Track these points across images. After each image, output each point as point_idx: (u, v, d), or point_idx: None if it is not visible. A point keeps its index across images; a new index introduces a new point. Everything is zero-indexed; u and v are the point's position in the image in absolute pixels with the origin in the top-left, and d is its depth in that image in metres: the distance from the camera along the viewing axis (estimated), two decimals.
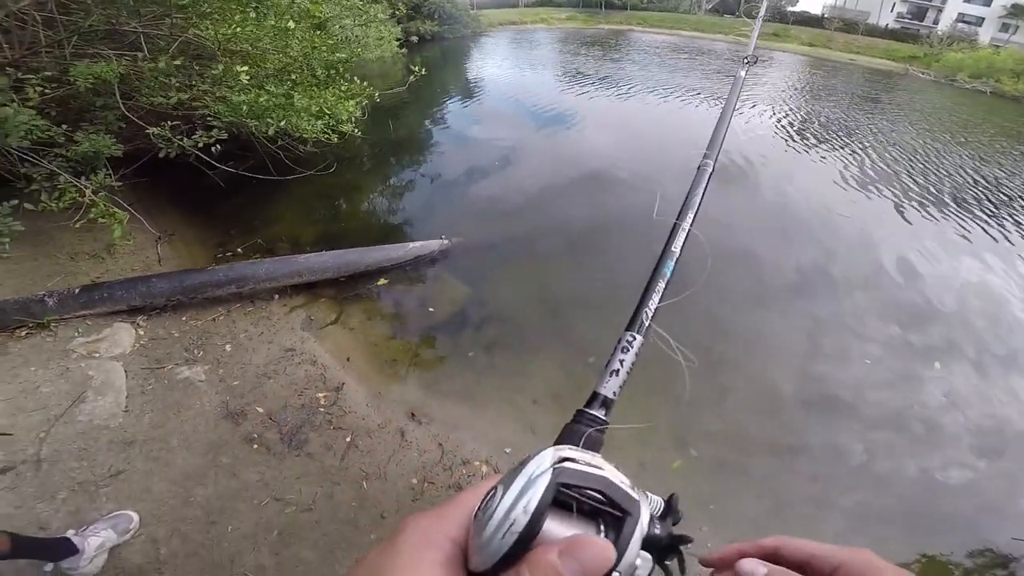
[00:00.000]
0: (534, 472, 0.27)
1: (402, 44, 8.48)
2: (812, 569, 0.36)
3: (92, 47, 2.95)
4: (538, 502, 0.26)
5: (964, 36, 25.75)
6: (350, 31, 4.39)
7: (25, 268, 2.91)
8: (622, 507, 0.28)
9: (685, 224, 0.49)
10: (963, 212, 5.65)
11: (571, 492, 0.27)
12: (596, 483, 0.28)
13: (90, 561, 1.63)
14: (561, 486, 0.27)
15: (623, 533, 0.27)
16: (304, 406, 2.34)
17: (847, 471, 2.49)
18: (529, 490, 0.27)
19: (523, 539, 0.26)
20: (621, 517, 0.28)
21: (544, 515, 0.26)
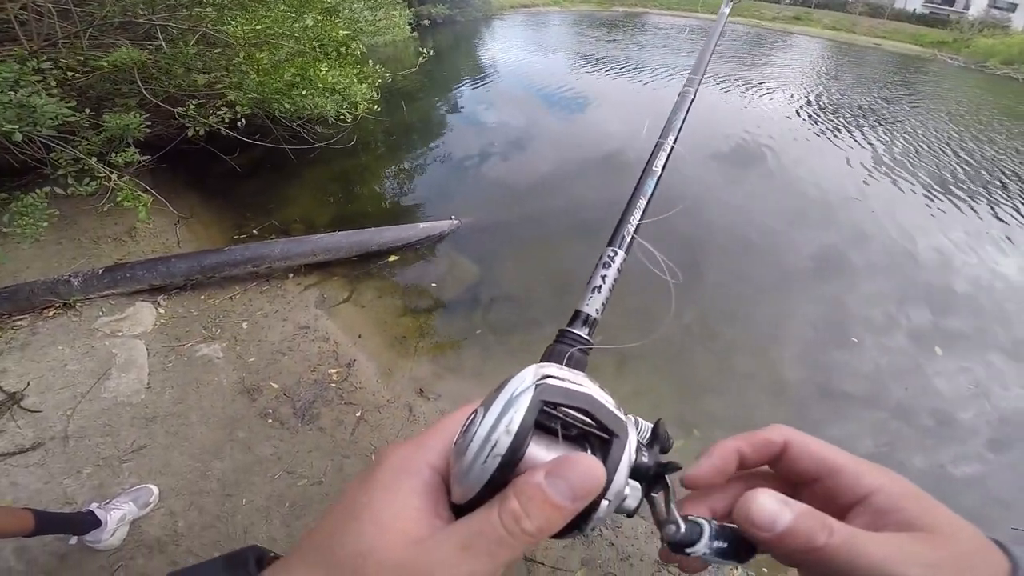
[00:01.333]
0: (515, 390, 0.26)
1: (414, 28, 8.43)
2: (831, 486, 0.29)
3: (108, 37, 3.01)
4: (521, 421, 0.25)
5: (996, 22, 24.70)
6: (360, 15, 4.40)
7: (50, 251, 3.03)
8: (608, 428, 0.26)
9: (667, 144, 0.48)
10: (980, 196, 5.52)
11: (555, 412, 0.26)
12: (581, 401, 0.26)
13: (112, 534, 1.70)
14: (545, 404, 0.25)
15: (611, 457, 0.25)
16: (317, 382, 2.42)
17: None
18: (511, 409, 0.25)
19: (506, 463, 0.24)
20: (608, 440, 0.26)
21: (528, 436, 0.25)
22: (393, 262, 3.43)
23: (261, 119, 3.90)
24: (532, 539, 0.23)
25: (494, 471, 0.24)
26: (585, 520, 0.25)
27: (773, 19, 24.38)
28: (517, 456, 0.24)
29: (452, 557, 0.23)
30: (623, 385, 2.67)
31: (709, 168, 5.49)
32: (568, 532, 0.25)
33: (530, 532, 0.23)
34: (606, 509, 0.26)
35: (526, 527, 0.23)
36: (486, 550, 0.23)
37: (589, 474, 0.24)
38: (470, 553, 0.23)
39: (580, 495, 0.23)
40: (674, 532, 0.29)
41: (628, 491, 0.27)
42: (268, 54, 3.26)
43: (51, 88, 2.42)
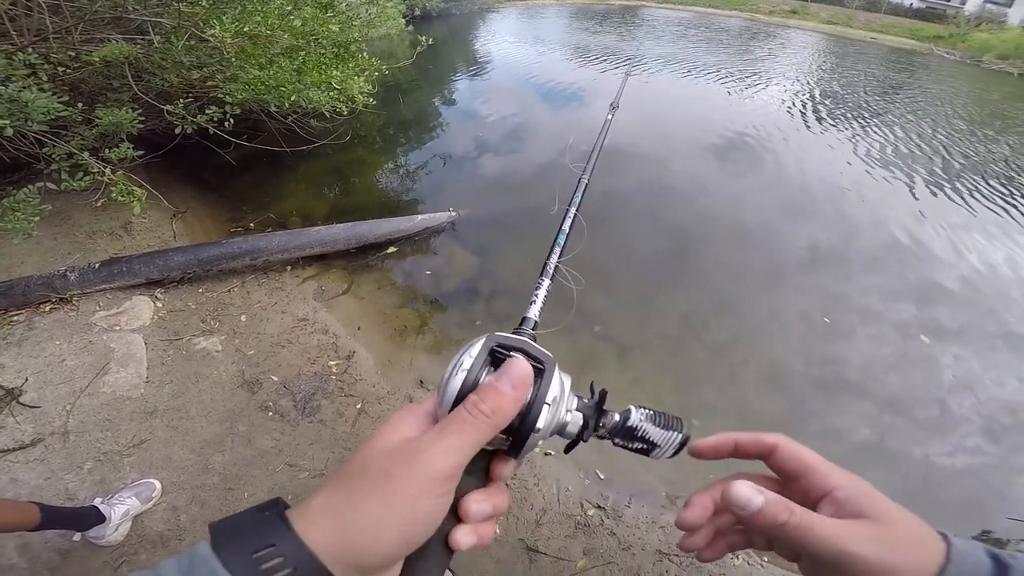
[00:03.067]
0: (474, 341, 0.37)
1: (408, 21, 8.38)
2: (807, 483, 0.37)
3: (100, 32, 2.97)
4: (479, 349, 0.36)
5: (992, 17, 24.74)
6: (355, 9, 4.36)
7: (45, 247, 3.00)
8: (539, 359, 0.37)
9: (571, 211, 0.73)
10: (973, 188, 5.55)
11: (501, 351, 0.37)
12: (518, 343, 0.37)
13: (115, 529, 1.69)
14: (496, 346, 0.37)
15: (544, 375, 0.36)
16: (317, 374, 2.41)
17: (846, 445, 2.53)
18: (472, 346, 0.37)
19: (470, 377, 0.34)
20: (542, 368, 0.36)
21: (484, 363, 0.36)
22: (392, 254, 3.42)
23: (256, 114, 3.87)
24: (488, 419, 0.32)
25: (461, 382, 0.34)
26: (534, 420, 0.35)
27: (770, 12, 24.34)
28: (477, 373, 0.35)
29: (432, 439, 0.32)
30: (623, 376, 2.68)
31: (697, 161, 5.50)
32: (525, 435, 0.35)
33: (484, 411, 0.32)
34: (549, 413, 0.35)
35: (482, 408, 0.32)
36: (455, 429, 0.32)
37: (520, 368, 0.34)
38: (444, 432, 0.32)
39: (516, 383, 0.33)
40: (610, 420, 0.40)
41: (569, 417, 0.38)
42: (263, 49, 3.22)
43: (42, 83, 2.39)
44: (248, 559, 0.27)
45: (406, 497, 0.30)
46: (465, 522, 0.34)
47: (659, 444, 0.40)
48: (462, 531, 0.34)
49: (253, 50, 3.12)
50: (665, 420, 0.40)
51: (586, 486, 2.11)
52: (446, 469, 0.31)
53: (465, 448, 0.32)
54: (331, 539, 0.29)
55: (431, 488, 0.30)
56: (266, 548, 0.28)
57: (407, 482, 0.30)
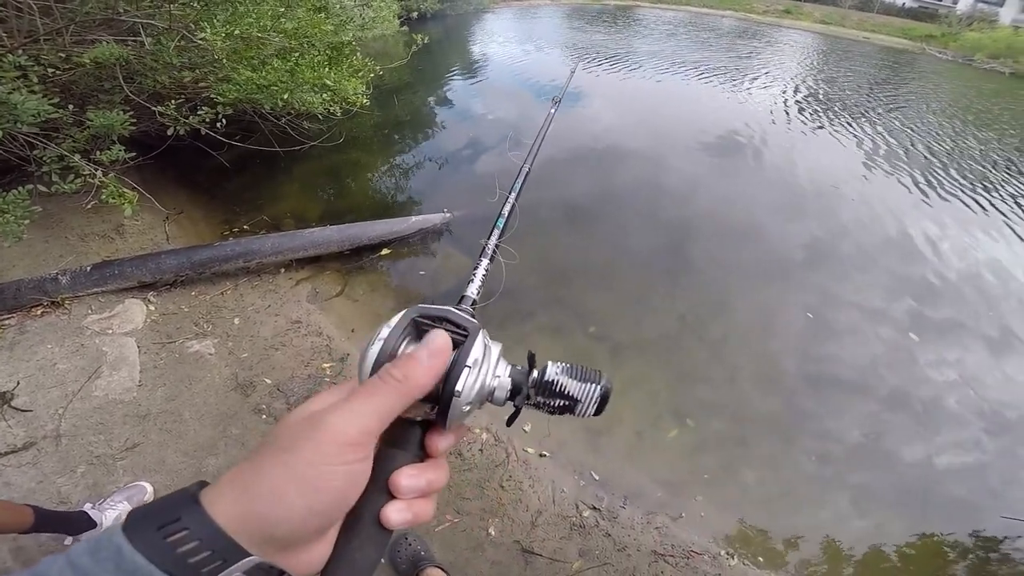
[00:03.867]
0: (399, 313, 0.37)
1: (403, 22, 8.37)
2: None
3: (91, 34, 2.95)
4: (398, 319, 0.36)
5: (984, 16, 24.93)
6: (351, 11, 4.35)
7: (37, 249, 2.98)
8: (463, 326, 0.36)
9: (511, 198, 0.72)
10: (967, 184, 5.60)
11: (425, 322, 0.37)
12: (442, 313, 0.37)
13: None
14: (418, 316, 0.37)
15: (465, 341, 0.36)
16: (310, 376, 2.40)
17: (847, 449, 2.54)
18: (392, 320, 0.36)
19: (387, 346, 0.34)
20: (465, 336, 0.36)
21: (405, 332, 0.36)
22: (385, 255, 3.42)
23: (249, 115, 3.85)
24: (399, 384, 0.32)
25: (378, 352, 0.34)
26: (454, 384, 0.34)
27: (764, 12, 24.43)
28: (395, 342, 0.35)
29: (340, 406, 0.31)
30: (618, 374, 2.68)
31: (693, 159, 5.52)
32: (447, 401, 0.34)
33: (395, 376, 0.32)
34: (469, 376, 0.34)
35: (394, 372, 0.32)
36: (364, 394, 0.32)
37: (437, 338, 0.34)
38: (353, 399, 0.32)
39: (433, 352, 0.33)
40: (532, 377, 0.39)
41: (496, 382, 0.37)
42: (256, 51, 3.21)
43: (33, 85, 2.37)
44: (153, 534, 0.27)
45: (310, 463, 0.29)
46: (398, 498, 0.34)
47: (579, 399, 0.38)
48: (394, 507, 0.33)
49: (245, 51, 3.11)
50: (583, 372, 0.39)
51: (581, 487, 2.11)
52: (352, 434, 0.30)
53: (374, 413, 0.31)
54: (234, 508, 0.28)
55: (336, 453, 0.30)
56: (172, 523, 0.28)
57: (311, 448, 0.29)
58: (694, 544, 1.98)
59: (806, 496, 2.30)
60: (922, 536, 2.20)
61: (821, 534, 2.15)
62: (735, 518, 2.14)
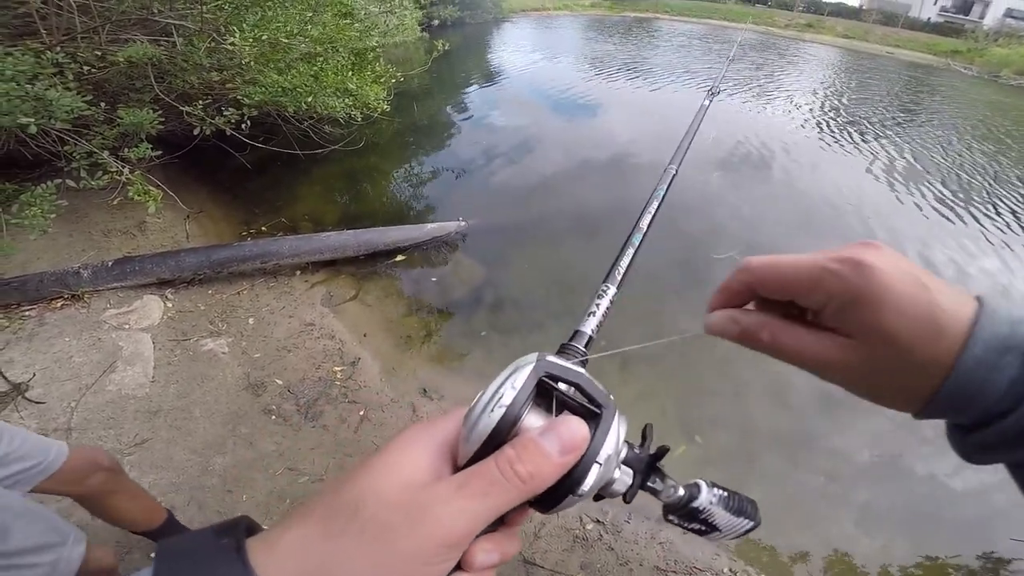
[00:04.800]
0: (521, 363, 0.30)
1: (424, 29, 8.50)
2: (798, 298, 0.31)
3: (126, 33, 3.05)
4: (525, 380, 0.28)
5: (1012, 32, 24.46)
6: (376, 18, 4.43)
7: (61, 243, 3.06)
8: (597, 401, 0.30)
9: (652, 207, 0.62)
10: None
11: (552, 386, 0.30)
12: (574, 376, 0.30)
13: None
14: (545, 375, 0.29)
15: (600, 426, 0.29)
16: (321, 379, 2.42)
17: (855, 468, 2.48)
18: (516, 373, 0.29)
19: (508, 415, 0.27)
20: (597, 414, 0.29)
21: (529, 397, 0.28)
22: (400, 262, 3.44)
23: (272, 118, 3.93)
24: (523, 485, 0.26)
25: (498, 421, 0.27)
26: (578, 482, 0.28)
27: (786, 26, 24.29)
28: (518, 411, 0.28)
29: (448, 495, 0.26)
30: (627, 390, 2.65)
31: (714, 174, 5.48)
32: (563, 495, 0.28)
33: (522, 475, 0.26)
34: (597, 474, 0.28)
35: (519, 469, 0.26)
36: (480, 489, 0.26)
37: (576, 431, 0.28)
38: (465, 491, 0.26)
39: (567, 448, 0.27)
40: (672, 493, 0.33)
41: (618, 474, 0.31)
42: (282, 54, 3.28)
43: (68, 82, 2.45)
44: None
45: (403, 560, 0.24)
46: (466, 571, 0.28)
47: (722, 529, 0.33)
48: None
49: (272, 55, 3.18)
50: (739, 504, 0.33)
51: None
52: (458, 535, 0.25)
53: (487, 515, 0.26)
54: None
55: (436, 554, 0.25)
56: None
57: (408, 543, 0.24)
58: (697, 560, 1.93)
59: (813, 513, 2.25)
60: (930, 557, 2.13)
61: (827, 552, 2.09)
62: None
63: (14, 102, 2.10)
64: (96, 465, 1.26)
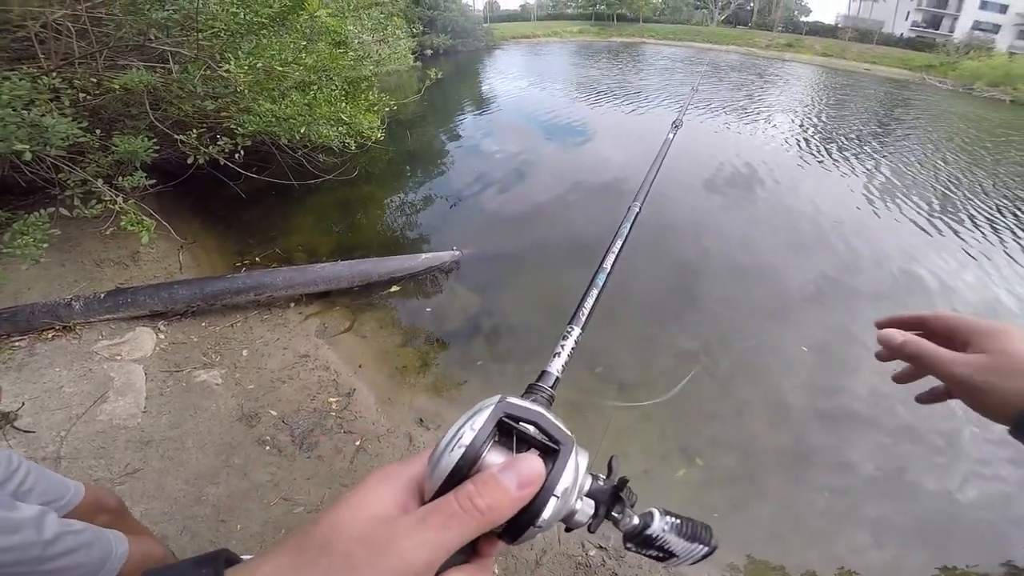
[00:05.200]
0: (481, 406, 0.32)
1: (417, 57, 8.71)
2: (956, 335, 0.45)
3: (123, 59, 3.08)
4: (484, 421, 0.30)
5: (981, 44, 25.38)
6: (369, 47, 4.53)
7: (53, 273, 3.04)
8: (555, 438, 0.32)
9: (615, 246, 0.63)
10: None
11: (513, 426, 0.31)
12: (532, 415, 0.32)
13: None
14: (504, 415, 0.31)
15: (557, 462, 0.31)
16: (316, 410, 2.39)
17: (860, 481, 2.47)
18: (476, 415, 0.31)
19: (468, 455, 0.29)
20: (556, 449, 0.31)
21: (488, 436, 0.30)
22: (395, 292, 3.44)
23: (267, 147, 3.96)
24: (482, 516, 0.28)
25: (458, 459, 0.29)
26: (537, 514, 0.30)
27: (767, 47, 25.11)
28: (478, 450, 0.30)
29: (410, 528, 0.27)
30: (626, 415, 2.63)
31: (698, 196, 5.57)
32: (525, 526, 0.30)
33: (480, 508, 0.28)
34: (556, 506, 0.30)
35: (477, 503, 0.28)
36: (440, 522, 0.27)
37: (532, 467, 0.29)
38: (425, 524, 0.27)
39: (524, 483, 0.29)
40: (628, 522, 0.35)
41: (579, 505, 0.33)
42: (276, 82, 3.34)
43: (64, 108, 2.45)
44: None
45: None
46: None
47: (679, 555, 0.35)
48: None
49: (266, 83, 3.22)
50: (692, 530, 0.35)
51: None
52: (420, 566, 0.27)
53: (447, 546, 0.28)
54: None
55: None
56: None
57: (372, 573, 0.26)
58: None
59: (819, 530, 2.22)
60: (944, 569, 2.11)
61: (836, 568, 2.06)
62: (745, 555, 2.06)
63: (9, 128, 2.08)
64: (100, 506, 1.25)
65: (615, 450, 2.53)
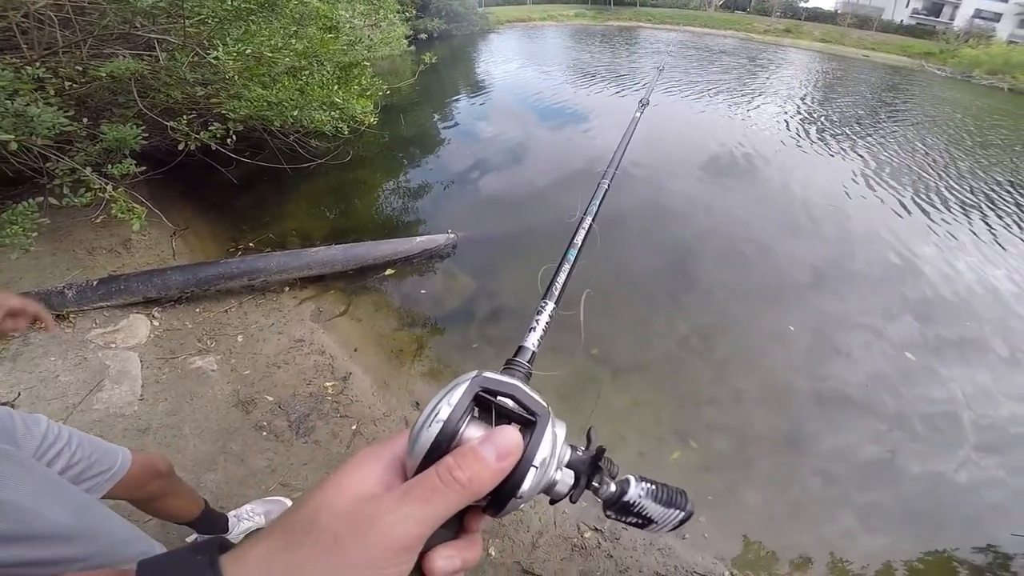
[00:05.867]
0: (458, 381, 0.32)
1: (410, 42, 8.59)
2: None
3: (109, 47, 3.02)
4: (460, 396, 0.31)
5: (981, 32, 25.24)
6: (360, 32, 4.45)
7: (44, 262, 3.01)
8: (531, 410, 0.32)
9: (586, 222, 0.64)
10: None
11: (491, 400, 0.32)
12: (509, 389, 0.33)
13: None
14: (481, 390, 0.32)
15: (534, 433, 0.31)
16: (312, 395, 2.40)
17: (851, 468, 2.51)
18: (453, 390, 0.32)
19: (447, 429, 0.30)
20: (533, 422, 0.32)
21: (465, 411, 0.31)
22: (390, 276, 3.43)
23: (259, 132, 3.91)
24: (463, 489, 0.28)
25: (437, 435, 0.30)
26: (517, 485, 0.30)
27: (764, 32, 24.84)
28: (455, 425, 0.30)
29: (393, 503, 0.28)
30: (621, 398, 2.66)
31: (693, 180, 5.56)
32: (506, 499, 0.31)
33: (461, 481, 0.28)
34: (535, 477, 0.31)
35: (457, 476, 0.28)
36: (422, 496, 0.28)
37: (510, 438, 0.30)
38: (408, 498, 0.28)
39: (503, 454, 0.29)
40: (605, 490, 0.35)
41: (559, 475, 0.33)
42: (267, 68, 3.28)
43: (49, 97, 2.42)
44: None
45: (355, 567, 0.26)
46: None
47: (656, 521, 0.36)
48: None
49: (256, 69, 3.17)
50: (668, 495, 0.36)
51: (583, 508, 2.08)
52: (405, 540, 0.27)
53: (430, 519, 0.28)
54: None
55: (386, 558, 0.27)
56: None
57: (358, 551, 0.27)
58: (697, 565, 1.94)
59: (812, 515, 2.26)
60: (932, 553, 2.15)
61: (828, 552, 2.11)
62: (740, 538, 2.10)
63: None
64: (155, 472, 1.26)
65: (610, 433, 2.56)
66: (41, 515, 0.83)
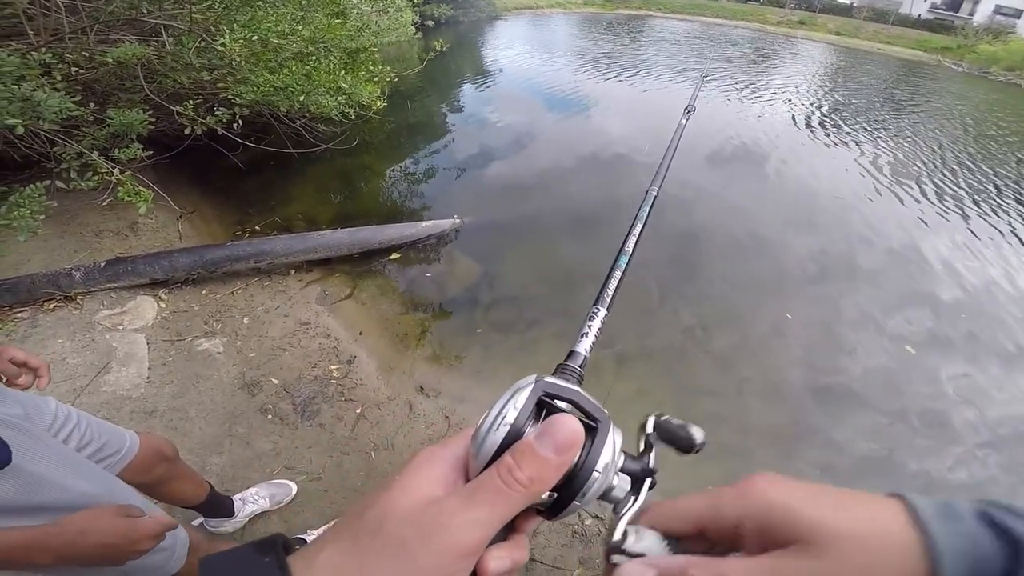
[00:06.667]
0: (520, 385, 0.32)
1: (417, 28, 8.51)
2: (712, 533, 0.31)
3: (115, 33, 3.02)
4: (526, 399, 0.31)
5: (1002, 28, 24.68)
6: (367, 18, 4.41)
7: (52, 245, 3.03)
8: (592, 415, 0.32)
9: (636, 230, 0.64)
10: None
11: (551, 403, 0.32)
12: (569, 394, 0.33)
13: (235, 527, 1.70)
14: (543, 394, 0.32)
15: (596, 438, 0.31)
16: (317, 378, 2.41)
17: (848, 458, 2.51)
18: (517, 394, 0.32)
19: (513, 432, 0.30)
20: (594, 427, 0.32)
21: (530, 413, 0.31)
22: (395, 260, 3.43)
23: (265, 117, 3.90)
24: (525, 489, 0.28)
25: (504, 438, 0.30)
26: (579, 490, 0.30)
27: (778, 23, 24.42)
28: (521, 427, 0.30)
29: (457, 507, 0.28)
30: (623, 387, 2.66)
31: (704, 171, 5.50)
32: (567, 502, 0.31)
33: (522, 481, 0.28)
34: (597, 481, 0.30)
35: (518, 476, 0.28)
36: (486, 499, 0.28)
37: (569, 428, 0.29)
38: (472, 501, 0.28)
39: (562, 448, 0.28)
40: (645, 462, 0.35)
41: (617, 481, 0.33)
42: (273, 53, 3.26)
43: (56, 83, 2.42)
44: None
45: (423, 572, 0.26)
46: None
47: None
48: None
49: (263, 54, 3.16)
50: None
51: None
52: (471, 546, 0.27)
53: (495, 523, 0.28)
54: None
55: (451, 564, 0.27)
56: None
57: (425, 556, 0.27)
58: None
59: None
60: None
61: None
62: None
63: (1, 103, 2.07)
64: (161, 455, 1.27)
65: (613, 419, 2.55)
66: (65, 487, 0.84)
